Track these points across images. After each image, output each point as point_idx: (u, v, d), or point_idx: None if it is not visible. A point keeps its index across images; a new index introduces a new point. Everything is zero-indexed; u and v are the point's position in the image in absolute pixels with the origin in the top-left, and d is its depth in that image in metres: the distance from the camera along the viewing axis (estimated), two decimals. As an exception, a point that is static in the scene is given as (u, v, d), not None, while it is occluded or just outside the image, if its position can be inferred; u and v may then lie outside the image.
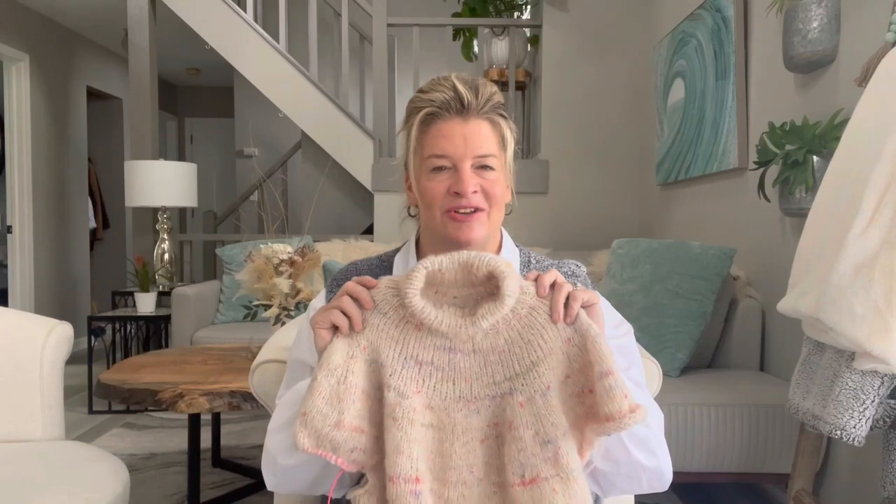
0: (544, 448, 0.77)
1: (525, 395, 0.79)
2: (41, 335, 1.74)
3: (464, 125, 0.88)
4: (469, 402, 0.80)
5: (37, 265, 4.85)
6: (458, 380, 0.80)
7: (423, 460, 0.78)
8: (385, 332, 0.80)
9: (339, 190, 4.55)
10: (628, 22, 3.88)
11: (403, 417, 0.77)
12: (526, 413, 0.78)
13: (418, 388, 0.80)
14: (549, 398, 0.78)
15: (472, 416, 0.80)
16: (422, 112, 0.89)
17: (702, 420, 1.98)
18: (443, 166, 0.89)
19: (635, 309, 2.26)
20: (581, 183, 3.98)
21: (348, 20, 4.16)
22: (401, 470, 0.76)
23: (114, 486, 1.48)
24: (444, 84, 0.89)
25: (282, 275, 2.10)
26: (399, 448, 0.76)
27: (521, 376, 0.79)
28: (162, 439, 3.06)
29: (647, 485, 0.87)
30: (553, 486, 0.76)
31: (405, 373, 0.79)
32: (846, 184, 1.45)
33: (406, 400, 0.78)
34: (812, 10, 1.97)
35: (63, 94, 5.23)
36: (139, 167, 3.87)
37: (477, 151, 0.88)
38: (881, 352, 1.22)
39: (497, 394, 0.80)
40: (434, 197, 0.90)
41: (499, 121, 0.91)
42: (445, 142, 0.88)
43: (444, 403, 0.80)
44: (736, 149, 2.59)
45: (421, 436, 0.78)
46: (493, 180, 0.90)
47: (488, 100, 0.89)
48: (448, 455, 0.79)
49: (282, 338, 1.24)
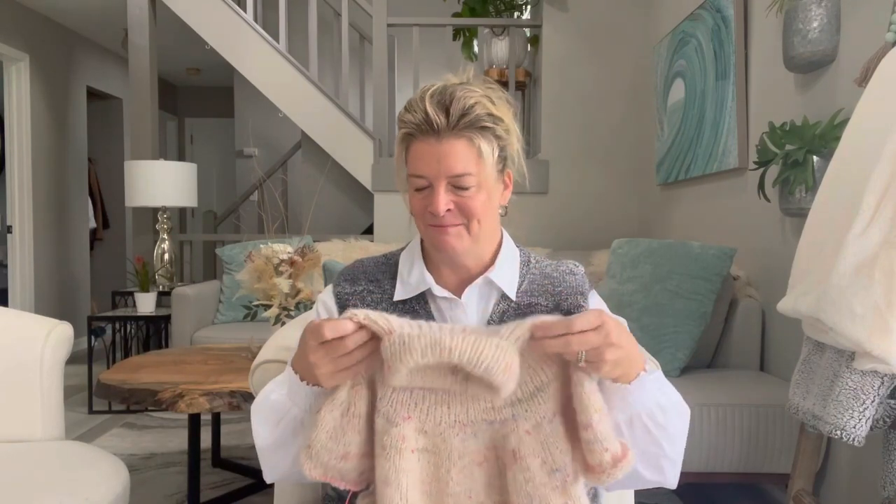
0: (552, 476, 0.75)
1: (531, 423, 0.76)
2: (41, 335, 1.74)
3: (437, 145, 0.88)
4: (465, 425, 0.78)
5: (37, 265, 4.85)
6: (454, 403, 0.78)
7: (415, 489, 0.76)
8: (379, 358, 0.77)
9: (339, 190, 4.55)
10: (628, 22, 3.88)
11: (392, 447, 0.75)
12: (533, 441, 0.76)
13: (409, 413, 0.77)
14: (556, 424, 0.76)
15: (468, 439, 0.78)
16: (401, 132, 0.91)
17: (702, 420, 1.98)
18: (421, 186, 0.90)
19: (635, 309, 2.26)
20: (581, 183, 3.98)
21: (348, 20, 4.16)
22: (388, 501, 0.74)
23: (114, 486, 1.48)
24: (419, 105, 0.89)
25: (282, 275, 2.10)
26: (387, 479, 0.74)
27: (524, 402, 0.77)
28: (162, 439, 3.06)
29: (650, 485, 0.88)
30: None
31: (395, 397, 0.77)
32: (846, 184, 1.45)
33: (394, 427, 0.76)
34: (812, 10, 1.97)
35: (63, 94, 5.23)
36: (139, 167, 3.87)
37: (450, 172, 0.88)
38: (881, 352, 1.22)
39: (496, 419, 0.78)
40: (417, 212, 0.93)
41: (474, 136, 0.89)
42: (421, 163, 0.89)
43: (438, 428, 0.78)
44: (736, 149, 2.59)
45: (412, 463, 0.76)
46: (469, 197, 0.89)
47: (463, 115, 0.87)
48: (445, 481, 0.77)
49: (282, 338, 1.24)
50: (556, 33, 3.94)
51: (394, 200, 3.92)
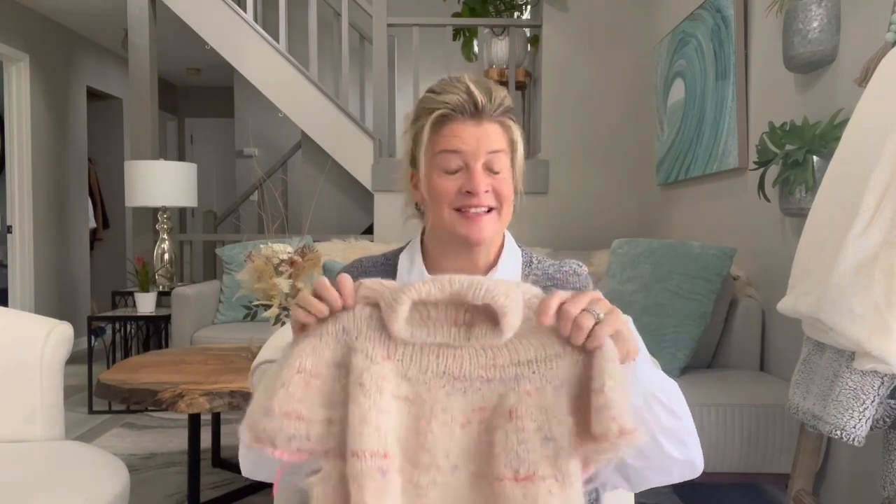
0: (545, 445, 0.69)
1: (535, 385, 0.70)
2: (41, 335, 1.74)
3: (476, 127, 0.89)
4: (455, 379, 0.72)
5: (37, 265, 4.85)
6: (445, 355, 0.72)
7: (393, 436, 0.70)
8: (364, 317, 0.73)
9: (339, 190, 4.55)
10: (628, 22, 3.88)
11: (372, 384, 0.69)
12: (533, 403, 0.70)
13: (388, 353, 0.71)
14: (561, 394, 0.70)
15: (455, 394, 0.71)
16: (436, 113, 0.90)
17: (702, 420, 1.98)
18: (455, 165, 0.90)
19: (635, 309, 2.26)
20: (581, 183, 3.98)
21: (348, 20, 4.16)
22: (367, 443, 0.67)
23: (114, 486, 1.48)
24: (458, 86, 0.89)
25: (282, 275, 2.10)
26: (365, 418, 0.68)
27: (533, 364, 0.71)
28: (162, 439, 3.06)
29: (678, 475, 0.86)
30: (549, 487, 0.68)
31: (372, 334, 0.72)
32: (846, 184, 1.45)
33: (375, 365, 0.70)
34: (812, 10, 1.97)
35: (63, 94, 5.23)
36: (139, 167, 3.88)
37: (489, 148, 0.89)
38: (881, 352, 1.22)
39: (496, 378, 0.72)
40: (444, 195, 0.90)
41: (509, 124, 0.92)
42: (458, 142, 0.89)
43: (423, 377, 0.72)
44: (736, 149, 2.59)
45: (393, 408, 0.70)
46: (503, 180, 0.91)
47: (500, 104, 0.90)
48: (423, 434, 0.71)
49: (282, 338, 1.24)
50: (556, 33, 3.94)
51: (394, 200, 3.92)
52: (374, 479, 0.67)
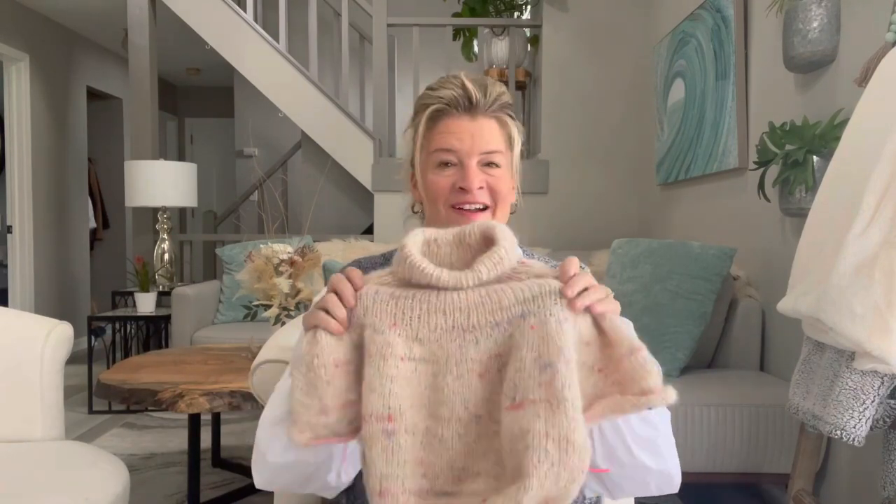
0: (542, 372, 0.69)
1: (539, 318, 0.71)
2: (41, 335, 1.74)
3: (471, 123, 0.88)
4: (466, 331, 0.73)
5: (37, 265, 4.85)
6: (452, 311, 0.73)
7: (407, 398, 0.72)
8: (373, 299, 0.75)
9: (339, 190, 4.55)
10: (628, 22, 3.88)
11: (377, 353, 0.71)
12: (535, 335, 0.70)
13: (395, 320, 0.73)
14: (565, 328, 0.70)
15: (468, 346, 0.73)
16: (430, 108, 0.90)
17: (702, 420, 1.98)
18: (449, 161, 0.89)
19: (635, 309, 2.26)
20: (581, 183, 3.98)
21: (348, 20, 4.16)
22: (372, 408, 0.70)
23: (114, 486, 1.48)
24: (454, 82, 0.89)
25: (282, 275, 2.10)
26: (371, 385, 0.70)
27: (538, 300, 0.72)
28: (162, 439, 3.06)
29: (655, 488, 0.85)
30: (538, 409, 0.67)
31: (378, 307, 0.74)
32: (846, 184, 1.45)
33: (379, 335, 0.72)
34: (812, 10, 1.97)
35: (63, 94, 5.23)
36: (139, 167, 3.88)
37: (484, 148, 0.89)
38: (881, 352, 1.22)
39: (504, 319, 0.72)
40: (439, 191, 0.90)
41: (507, 120, 0.91)
42: (453, 138, 0.88)
43: (434, 335, 0.73)
44: (736, 149, 2.59)
45: (405, 372, 0.72)
46: (499, 177, 0.90)
47: (496, 99, 0.90)
48: (440, 389, 0.72)
49: (282, 338, 1.24)
50: (556, 33, 3.94)
51: (394, 200, 3.92)
52: (379, 441, 0.70)
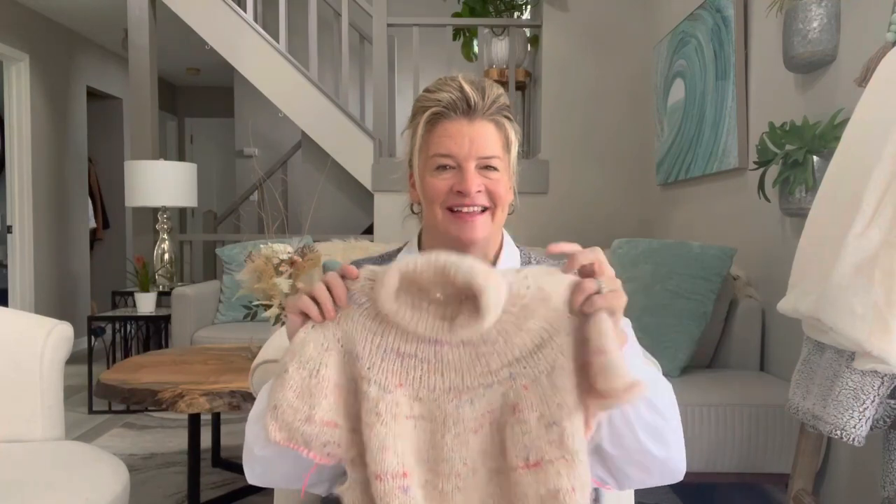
0: (549, 430, 0.74)
1: (529, 378, 0.76)
2: (41, 335, 1.74)
3: (469, 126, 0.88)
4: (461, 392, 0.77)
5: (37, 265, 4.85)
6: (448, 371, 0.78)
7: (411, 454, 0.76)
8: (361, 322, 0.78)
9: (339, 190, 4.55)
10: (628, 22, 3.88)
11: (387, 412, 0.75)
12: (531, 395, 0.75)
13: (401, 381, 0.77)
14: (555, 378, 0.75)
15: (463, 406, 0.77)
16: (428, 111, 0.90)
17: (702, 420, 1.98)
18: (447, 165, 0.89)
19: (635, 309, 2.26)
20: (581, 183, 3.98)
21: (348, 20, 4.16)
22: (388, 466, 0.74)
23: (114, 486, 1.48)
24: (451, 84, 0.89)
25: (282, 275, 2.10)
26: (385, 445, 0.74)
27: (522, 361, 0.76)
28: (162, 439, 3.06)
29: (658, 476, 0.86)
30: (558, 468, 0.73)
31: (385, 366, 0.77)
32: (846, 184, 1.45)
33: (389, 394, 0.76)
34: (812, 10, 1.97)
35: (63, 94, 5.23)
36: (139, 167, 3.88)
37: (481, 153, 0.89)
38: (881, 352, 1.22)
39: (494, 382, 0.77)
40: (436, 194, 0.90)
41: (504, 122, 0.91)
42: (450, 141, 0.88)
43: (433, 395, 0.78)
44: (736, 149, 2.59)
45: (408, 429, 0.77)
46: (497, 180, 0.90)
47: (494, 101, 0.90)
48: (440, 447, 0.77)
49: (282, 338, 1.24)
50: (556, 33, 3.94)
51: (394, 200, 3.92)
52: (396, 497, 0.74)
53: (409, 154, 0.96)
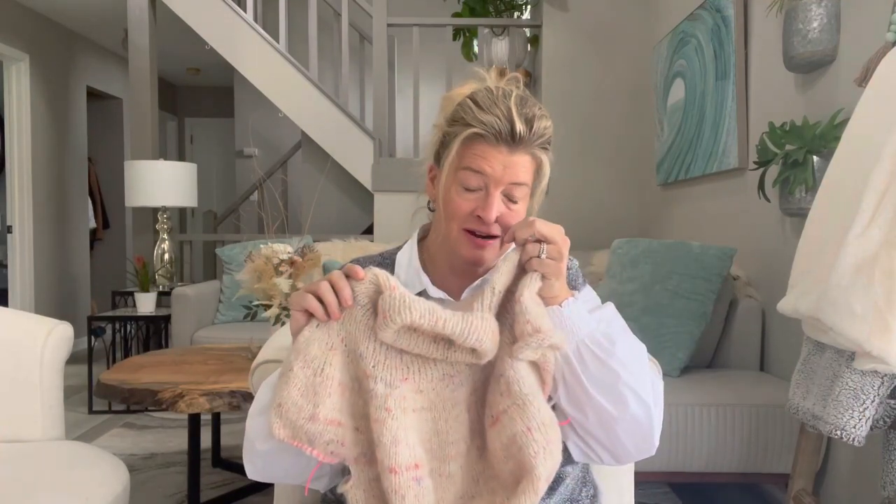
0: (498, 383, 0.79)
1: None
2: (41, 335, 1.74)
3: (508, 155, 0.87)
4: (452, 377, 0.82)
5: (37, 265, 4.85)
6: (438, 361, 0.81)
7: (420, 445, 0.79)
8: (364, 322, 0.80)
9: (339, 190, 4.55)
10: (628, 22, 3.88)
11: (397, 407, 0.77)
12: (494, 361, 0.81)
13: (405, 375, 0.80)
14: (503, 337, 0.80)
15: (457, 389, 0.82)
16: (470, 130, 0.87)
17: (702, 420, 1.98)
18: (474, 188, 0.89)
19: (635, 309, 2.26)
20: (581, 183, 3.98)
21: (348, 20, 4.16)
22: (401, 459, 0.76)
23: (114, 486, 1.48)
24: (501, 108, 0.87)
25: (282, 275, 2.10)
26: (397, 438, 0.76)
27: None
28: (162, 439, 3.06)
29: (629, 441, 0.85)
30: (511, 415, 0.76)
31: (389, 362, 0.80)
32: (846, 183, 1.45)
33: (395, 390, 0.78)
34: (812, 10, 1.97)
35: (63, 94, 5.23)
36: (139, 167, 3.87)
37: (511, 179, 0.88)
38: (881, 352, 1.22)
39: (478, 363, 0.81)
40: (456, 212, 0.90)
41: (541, 155, 0.90)
42: (485, 163, 0.87)
43: (431, 384, 0.81)
44: (736, 149, 2.59)
45: (415, 421, 0.79)
46: (514, 213, 0.91)
47: (540, 136, 0.89)
48: (444, 432, 0.81)
49: (282, 338, 1.24)
50: (556, 33, 3.94)
51: (394, 200, 3.93)
52: (411, 489, 0.76)
53: (434, 153, 0.95)
